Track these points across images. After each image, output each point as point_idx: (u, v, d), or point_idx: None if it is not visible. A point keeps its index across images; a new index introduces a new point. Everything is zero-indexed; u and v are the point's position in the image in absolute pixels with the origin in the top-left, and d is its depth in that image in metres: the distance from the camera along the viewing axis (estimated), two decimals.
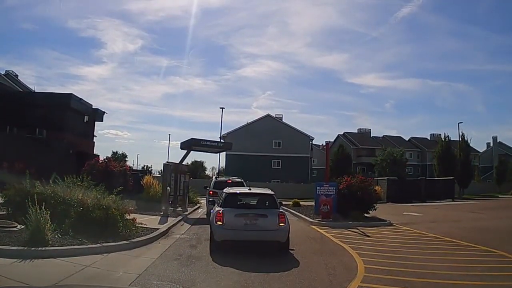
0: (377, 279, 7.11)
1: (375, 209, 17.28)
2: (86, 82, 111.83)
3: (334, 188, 16.47)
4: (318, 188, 16.87)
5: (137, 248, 9.05)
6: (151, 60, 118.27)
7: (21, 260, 7.11)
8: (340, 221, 15.11)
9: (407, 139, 75.33)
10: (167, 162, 18.30)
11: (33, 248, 7.64)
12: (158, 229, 11.50)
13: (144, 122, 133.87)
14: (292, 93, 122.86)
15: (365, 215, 16.46)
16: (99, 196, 9.99)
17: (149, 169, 69.10)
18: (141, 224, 11.21)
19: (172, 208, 16.82)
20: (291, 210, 19.73)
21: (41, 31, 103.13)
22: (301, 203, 22.85)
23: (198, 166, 72.59)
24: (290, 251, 9.38)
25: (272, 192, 10.33)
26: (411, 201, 32.33)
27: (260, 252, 8.97)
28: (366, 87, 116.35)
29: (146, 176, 20.03)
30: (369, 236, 12.48)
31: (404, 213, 21.75)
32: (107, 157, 21.08)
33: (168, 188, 16.79)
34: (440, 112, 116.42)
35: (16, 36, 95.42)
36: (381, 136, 72.57)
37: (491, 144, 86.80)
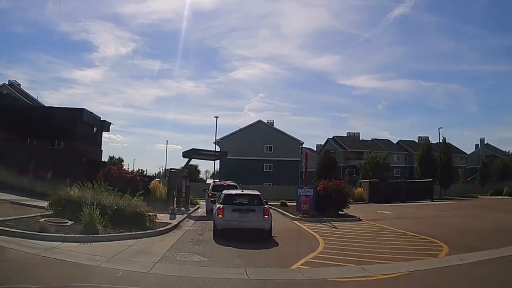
0: (329, 252, 10.65)
1: (348, 208, 20.91)
2: (79, 86, 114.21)
3: (313, 190, 20.04)
4: (299, 190, 20.44)
5: (160, 235, 12.53)
6: (143, 63, 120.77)
7: (84, 243, 10.51)
8: (317, 217, 18.66)
9: (395, 142, 79.31)
10: (172, 169, 21.81)
11: (90, 235, 11.06)
12: (171, 223, 14.99)
13: (137, 125, 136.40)
14: (285, 95, 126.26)
15: (339, 212, 20.06)
16: (130, 198, 13.42)
17: (145, 173, 72.27)
18: (158, 219, 14.66)
19: (177, 208, 20.26)
20: (279, 209, 23.27)
21: (33, 35, 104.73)
22: (288, 203, 26.37)
23: (193, 170, 75.87)
24: (273, 237, 12.85)
25: (259, 193, 13.98)
26: (392, 202, 35.82)
27: (250, 237, 12.38)
28: (358, 88, 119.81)
29: (153, 181, 23.47)
30: (337, 228, 16.05)
31: (378, 211, 25.33)
32: (117, 164, 24.44)
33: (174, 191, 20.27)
34: (433, 113, 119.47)
35: (8, 39, 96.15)
36: (370, 139, 76.43)
37: (480, 146, 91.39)
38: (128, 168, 70.71)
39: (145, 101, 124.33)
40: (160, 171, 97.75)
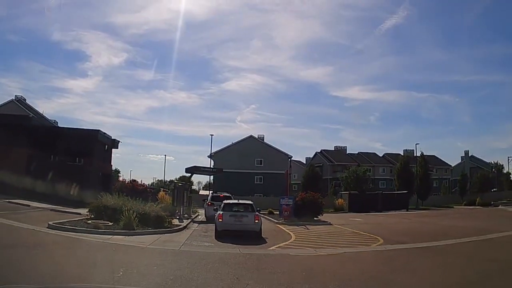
0: (296, 242, 16.00)
1: (322, 215, 26.32)
2: (71, 95, 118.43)
3: (292, 200, 25.49)
4: (281, 200, 25.91)
5: (176, 232, 17.78)
6: (135, 74, 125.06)
7: (127, 236, 15.67)
8: (295, 222, 24.01)
9: (381, 155, 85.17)
10: (179, 183, 27.05)
11: (129, 231, 16.26)
12: (181, 225, 20.25)
13: (129, 136, 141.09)
14: (276, 106, 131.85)
15: (314, 218, 25.45)
16: (154, 205, 18.71)
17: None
18: (174, 222, 19.92)
19: (181, 214, 25.50)
20: (266, 216, 28.57)
21: (26, 43, 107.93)
22: (274, 212, 31.72)
23: (186, 181, 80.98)
24: (263, 238, 17.94)
25: (252, 202, 19.05)
26: (369, 211, 41.10)
27: (243, 236, 17.31)
28: (350, 100, 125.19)
29: (160, 192, 28.75)
30: (308, 229, 21.41)
31: (350, 218, 30.74)
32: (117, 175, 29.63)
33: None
34: (425, 124, 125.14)
35: (1, 47, 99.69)
36: (356, 152, 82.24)
37: (464, 158, 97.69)
38: (123, 179, 75.62)
39: (138, 111, 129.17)
40: (153, 182, 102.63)
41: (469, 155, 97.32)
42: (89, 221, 18.00)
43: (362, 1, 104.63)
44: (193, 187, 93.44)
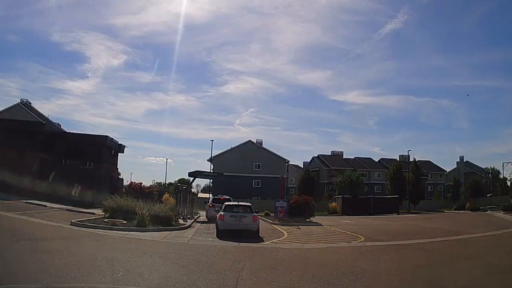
0: (288, 239, 18.77)
1: (314, 216, 29.09)
2: (70, 97, 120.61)
3: (286, 202, 28.33)
4: (276, 202, 28.77)
5: (182, 230, 20.52)
6: (134, 76, 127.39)
7: (142, 232, 18.40)
8: (289, 222, 26.79)
9: (377, 160, 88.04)
10: (182, 186, 29.82)
11: (143, 228, 18.98)
12: (186, 224, 23.00)
13: (128, 138, 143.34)
14: (275, 110, 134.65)
15: (307, 219, 28.23)
16: (163, 206, 21.47)
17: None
18: (179, 222, 22.66)
19: (185, 215, 28.24)
20: (263, 218, 31.29)
21: (26, 44, 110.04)
22: (270, 214, 34.53)
23: (188, 184, 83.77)
24: (260, 236, 20.65)
25: (250, 204, 21.69)
26: (361, 215, 43.87)
27: (243, 235, 20.00)
28: (349, 104, 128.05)
29: (164, 195, 31.52)
30: (300, 229, 24.18)
31: (341, 220, 33.50)
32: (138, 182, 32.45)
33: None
34: (424, 129, 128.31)
35: (0, 48, 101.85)
36: (353, 157, 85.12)
37: (459, 163, 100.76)
38: (133, 181, 77.82)
39: (136, 113, 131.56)
40: (152, 184, 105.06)
41: (464, 160, 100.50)
42: (106, 220, 20.73)
43: (362, 6, 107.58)
44: (192, 189, 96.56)
